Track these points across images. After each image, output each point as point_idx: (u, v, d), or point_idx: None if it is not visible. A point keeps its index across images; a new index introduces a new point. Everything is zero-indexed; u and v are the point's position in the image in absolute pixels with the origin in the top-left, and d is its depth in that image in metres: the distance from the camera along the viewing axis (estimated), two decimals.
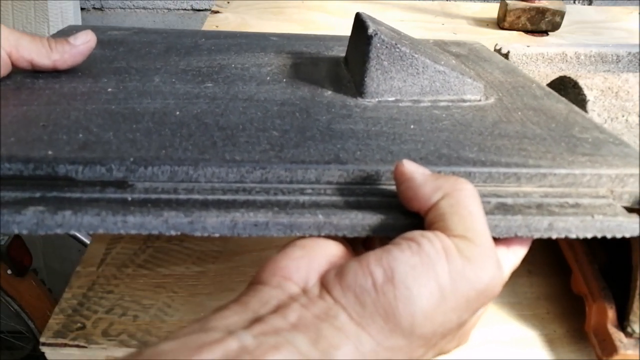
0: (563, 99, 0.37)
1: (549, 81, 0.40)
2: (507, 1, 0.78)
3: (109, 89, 0.34)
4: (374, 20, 0.38)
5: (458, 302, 0.19)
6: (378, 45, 0.33)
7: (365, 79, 0.34)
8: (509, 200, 0.25)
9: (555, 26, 0.78)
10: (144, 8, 1.26)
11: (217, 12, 0.82)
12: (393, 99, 0.34)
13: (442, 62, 0.35)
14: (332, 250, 0.22)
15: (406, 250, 0.19)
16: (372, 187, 0.25)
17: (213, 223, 0.22)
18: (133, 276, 0.37)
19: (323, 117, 0.31)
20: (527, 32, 0.78)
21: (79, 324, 0.33)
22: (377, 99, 0.34)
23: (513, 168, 0.26)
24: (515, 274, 0.38)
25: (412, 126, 0.30)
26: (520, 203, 0.25)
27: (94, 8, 1.26)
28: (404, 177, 0.23)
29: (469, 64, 0.44)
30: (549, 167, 0.26)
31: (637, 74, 0.37)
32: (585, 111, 0.34)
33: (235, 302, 0.20)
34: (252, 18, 0.80)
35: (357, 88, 0.35)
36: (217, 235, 0.22)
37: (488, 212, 0.23)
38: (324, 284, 0.20)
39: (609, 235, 0.24)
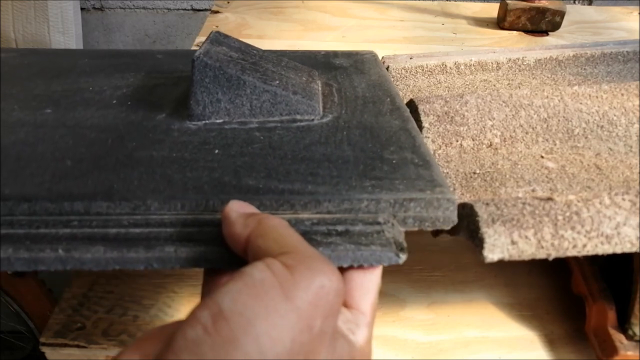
0: (406, 115, 0.35)
1: (420, 95, 0.40)
2: (507, 1, 0.78)
3: None
4: (218, 41, 0.36)
5: (300, 310, 0.17)
6: (201, 68, 0.33)
7: (191, 102, 0.33)
8: None
9: (556, 26, 0.78)
10: (144, 8, 1.26)
11: (217, 12, 0.82)
12: (220, 120, 0.33)
13: (276, 83, 0.34)
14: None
15: (228, 283, 0.18)
16: (141, 218, 0.25)
17: None
18: (133, 276, 0.37)
19: (133, 144, 0.30)
20: (527, 32, 0.78)
21: (79, 324, 0.33)
22: (203, 122, 0.33)
23: (286, 195, 0.26)
24: (515, 274, 0.38)
25: (216, 151, 0.30)
26: None
27: (94, 8, 1.26)
28: (223, 218, 0.22)
29: (339, 77, 0.43)
30: (325, 193, 0.26)
31: (480, 94, 0.37)
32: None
33: None
34: (252, 18, 0.80)
35: (187, 110, 0.34)
36: None
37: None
38: None
39: (365, 264, 0.23)
